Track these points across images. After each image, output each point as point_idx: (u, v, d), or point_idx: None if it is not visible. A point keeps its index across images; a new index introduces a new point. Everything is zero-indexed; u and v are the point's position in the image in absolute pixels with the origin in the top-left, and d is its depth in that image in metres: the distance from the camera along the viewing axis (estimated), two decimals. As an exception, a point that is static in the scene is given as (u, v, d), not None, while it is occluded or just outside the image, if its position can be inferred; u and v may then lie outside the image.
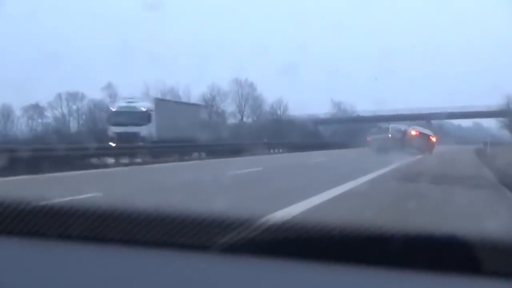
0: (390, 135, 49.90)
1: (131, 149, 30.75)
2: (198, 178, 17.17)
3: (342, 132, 76.22)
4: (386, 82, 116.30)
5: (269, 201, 10.84)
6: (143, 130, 37.37)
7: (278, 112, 78.70)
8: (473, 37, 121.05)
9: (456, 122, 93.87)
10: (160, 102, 41.83)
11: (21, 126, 76.75)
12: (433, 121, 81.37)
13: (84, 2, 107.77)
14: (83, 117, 77.85)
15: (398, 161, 28.11)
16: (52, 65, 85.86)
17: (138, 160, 28.11)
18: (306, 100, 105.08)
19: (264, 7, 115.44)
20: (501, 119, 74.36)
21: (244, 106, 79.37)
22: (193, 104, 54.93)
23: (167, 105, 43.17)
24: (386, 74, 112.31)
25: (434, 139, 51.02)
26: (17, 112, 75.70)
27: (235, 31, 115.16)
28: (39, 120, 78.07)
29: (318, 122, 77.88)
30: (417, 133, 49.66)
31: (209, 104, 79.38)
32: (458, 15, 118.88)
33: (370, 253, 1.45)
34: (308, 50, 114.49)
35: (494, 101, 72.39)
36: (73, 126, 75.56)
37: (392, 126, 53.82)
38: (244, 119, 79.29)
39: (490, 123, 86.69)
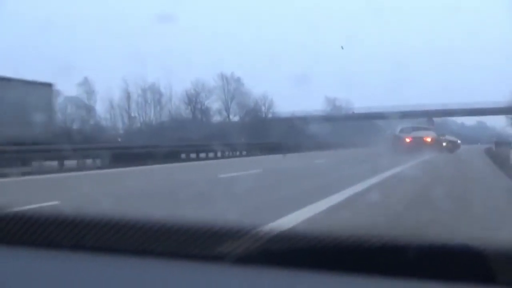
0: (398, 136, 47.19)
1: None
2: None
3: (336, 131, 67.97)
4: (385, 78, 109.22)
5: None
6: None
7: (263, 109, 70.60)
8: (475, 32, 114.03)
9: (459, 120, 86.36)
10: None
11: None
12: (435, 119, 73.66)
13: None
14: (59, 115, 70.57)
15: (379, 174, 18.73)
16: (24, 58, 78.82)
17: None
18: (299, 97, 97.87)
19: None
20: (511, 116, 67.79)
21: (230, 103, 71.16)
22: (32, 82, 29.13)
23: None
24: (384, 71, 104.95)
25: (429, 140, 46.82)
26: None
27: (222, 25, 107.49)
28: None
29: (310, 120, 69.54)
30: (411, 139, 46.20)
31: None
32: (461, 12, 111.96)
33: (383, 263, 1.46)
34: (300, 45, 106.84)
35: (496, 98, 69.59)
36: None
37: (402, 127, 50.76)
38: (231, 117, 71.12)
39: (495, 122, 79.89)
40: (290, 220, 9.32)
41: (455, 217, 9.47)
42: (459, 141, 51.49)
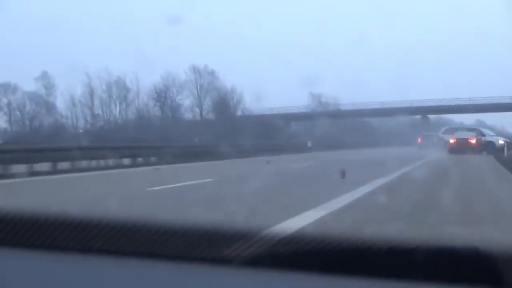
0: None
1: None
2: None
3: (321, 129, 67.84)
4: (376, 72, 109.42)
5: None
6: None
7: (231, 104, 69.79)
8: (474, 27, 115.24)
9: (457, 118, 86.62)
10: None
11: None
12: (431, 118, 73.98)
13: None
14: (17, 113, 70.12)
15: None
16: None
17: None
18: (282, 93, 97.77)
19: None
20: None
21: (204, 98, 70.69)
22: None
23: None
24: (378, 66, 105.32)
25: (474, 141, 48.55)
26: None
27: (198, 16, 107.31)
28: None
29: (291, 118, 69.47)
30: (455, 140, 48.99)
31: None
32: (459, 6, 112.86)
33: (391, 266, 1.56)
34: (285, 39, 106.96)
35: (496, 94, 66.94)
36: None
37: (445, 128, 56.19)
38: (204, 114, 70.66)
39: (495, 120, 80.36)
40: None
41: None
42: (501, 141, 47.83)
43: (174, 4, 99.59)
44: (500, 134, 57.64)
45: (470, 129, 52.99)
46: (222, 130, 55.87)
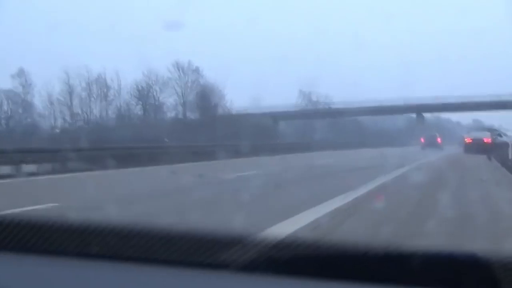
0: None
1: None
2: None
3: (310, 129, 67.16)
4: (373, 71, 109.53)
5: None
6: None
7: (212, 102, 69.03)
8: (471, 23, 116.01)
9: (454, 117, 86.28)
10: None
11: None
12: (429, 117, 73.98)
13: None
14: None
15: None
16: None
17: None
18: (276, 92, 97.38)
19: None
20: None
21: (188, 97, 70.02)
22: None
23: None
24: (371, 62, 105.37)
25: (489, 141, 48.57)
26: None
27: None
28: None
29: (278, 117, 68.92)
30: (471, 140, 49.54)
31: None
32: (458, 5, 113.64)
33: (389, 272, 1.60)
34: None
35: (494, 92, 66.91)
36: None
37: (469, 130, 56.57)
38: (189, 113, 70.13)
39: (493, 120, 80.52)
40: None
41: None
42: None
43: (165, 2, 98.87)
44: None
45: (489, 129, 53.46)
46: (199, 130, 55.16)
